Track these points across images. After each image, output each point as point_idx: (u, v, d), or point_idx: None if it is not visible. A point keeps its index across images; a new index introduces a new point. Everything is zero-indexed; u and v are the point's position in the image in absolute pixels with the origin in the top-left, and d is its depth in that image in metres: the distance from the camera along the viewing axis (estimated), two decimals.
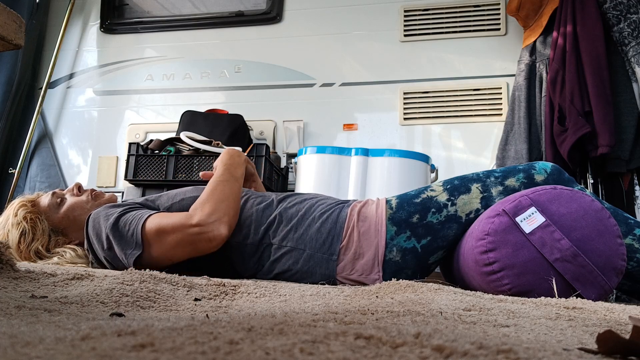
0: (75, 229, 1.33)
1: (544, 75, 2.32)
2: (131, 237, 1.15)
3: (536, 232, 0.96)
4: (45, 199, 1.35)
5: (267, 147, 2.24)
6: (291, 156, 2.60)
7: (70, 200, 1.36)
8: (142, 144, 2.24)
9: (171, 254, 1.16)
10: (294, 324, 0.39)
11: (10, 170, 2.89)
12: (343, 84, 2.74)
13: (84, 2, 3.15)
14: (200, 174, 1.42)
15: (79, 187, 1.39)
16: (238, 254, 1.23)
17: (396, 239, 1.17)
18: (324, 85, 2.76)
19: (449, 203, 1.18)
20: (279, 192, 1.91)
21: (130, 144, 2.26)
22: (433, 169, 2.22)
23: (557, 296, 0.88)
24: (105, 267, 1.22)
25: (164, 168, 2.17)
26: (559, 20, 2.28)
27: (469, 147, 2.54)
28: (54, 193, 1.37)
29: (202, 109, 2.59)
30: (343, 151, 2.11)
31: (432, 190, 1.21)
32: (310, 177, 2.13)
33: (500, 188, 1.18)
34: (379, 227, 1.18)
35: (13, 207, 1.33)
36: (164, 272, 0.90)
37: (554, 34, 2.28)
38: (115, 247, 1.17)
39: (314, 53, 2.81)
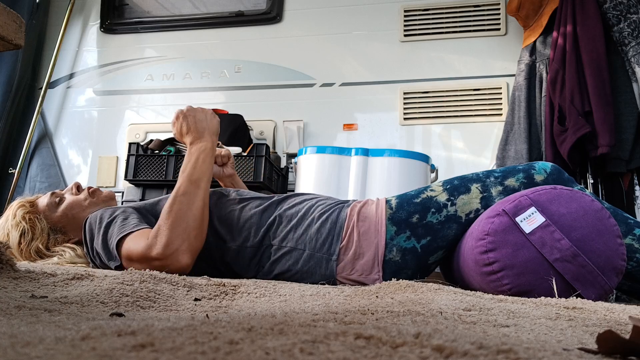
0: (74, 227, 1.34)
1: (544, 75, 2.32)
2: (112, 249, 1.17)
3: (536, 232, 0.96)
4: (44, 199, 1.37)
5: (267, 147, 2.24)
6: (291, 156, 2.59)
7: (68, 199, 1.38)
8: (142, 144, 2.24)
9: None
10: (294, 324, 0.39)
11: (10, 170, 2.89)
12: (343, 84, 2.74)
13: (84, 2, 3.15)
14: None
15: (78, 187, 1.41)
16: (239, 257, 1.23)
17: (396, 239, 1.17)
18: (324, 85, 2.76)
19: (449, 203, 1.18)
20: (279, 192, 1.91)
21: (130, 144, 2.26)
22: (433, 169, 2.22)
23: (557, 296, 0.88)
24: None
25: (164, 168, 2.17)
26: (559, 20, 2.28)
27: (469, 147, 2.54)
28: (52, 193, 1.39)
29: None
30: (343, 151, 2.11)
31: (431, 190, 1.21)
32: (310, 177, 2.13)
33: (500, 188, 1.18)
34: (379, 227, 1.18)
35: (12, 208, 1.35)
36: (164, 272, 0.90)
37: (554, 34, 2.28)
38: (102, 255, 1.20)
39: (314, 53, 2.80)
